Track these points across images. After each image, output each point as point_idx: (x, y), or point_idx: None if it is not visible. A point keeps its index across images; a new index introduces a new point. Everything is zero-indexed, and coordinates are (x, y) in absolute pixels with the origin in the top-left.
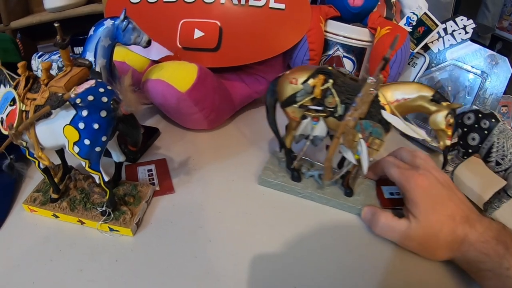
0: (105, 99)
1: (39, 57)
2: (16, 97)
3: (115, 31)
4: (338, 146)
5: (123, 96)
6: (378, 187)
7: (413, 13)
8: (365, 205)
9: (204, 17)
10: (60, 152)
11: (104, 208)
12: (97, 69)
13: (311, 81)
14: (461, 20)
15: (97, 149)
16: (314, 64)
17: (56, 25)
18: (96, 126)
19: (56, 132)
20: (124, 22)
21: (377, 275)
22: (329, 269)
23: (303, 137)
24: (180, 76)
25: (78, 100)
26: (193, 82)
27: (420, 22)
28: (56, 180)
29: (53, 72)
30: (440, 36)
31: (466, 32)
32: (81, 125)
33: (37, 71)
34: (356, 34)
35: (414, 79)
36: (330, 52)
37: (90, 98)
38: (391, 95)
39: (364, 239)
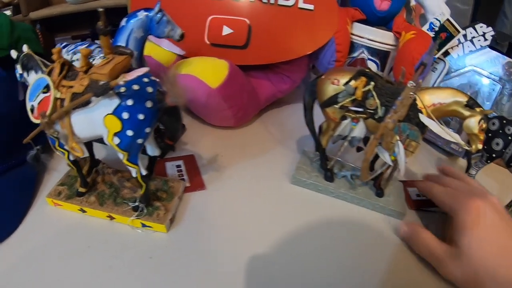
0: (150, 89)
1: (63, 47)
2: (50, 84)
3: (149, 23)
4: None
5: (170, 88)
6: (405, 189)
7: (436, 19)
8: (403, 222)
9: (233, 14)
10: (88, 144)
11: (137, 203)
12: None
13: (353, 83)
14: (481, 27)
15: (139, 141)
16: (340, 65)
17: (100, 10)
18: (141, 116)
19: (94, 121)
20: (159, 15)
21: (409, 275)
22: (362, 266)
23: (340, 138)
24: (211, 71)
25: (122, 89)
26: (224, 78)
27: (442, 28)
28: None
29: (76, 63)
30: (459, 42)
31: (485, 39)
32: (125, 115)
33: None
34: (381, 38)
35: (434, 84)
36: (355, 54)
37: (135, 87)
38: (428, 99)
39: (395, 239)
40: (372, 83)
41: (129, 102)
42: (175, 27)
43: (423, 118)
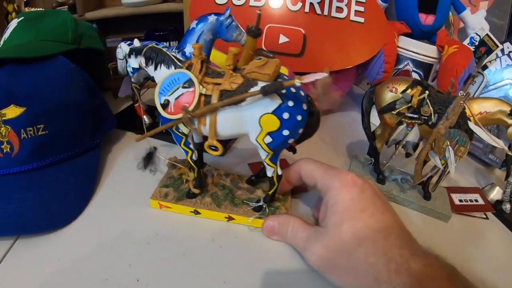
0: (302, 93)
1: (128, 45)
2: (194, 79)
3: (219, 26)
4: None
5: (321, 93)
6: (449, 194)
7: (476, 34)
8: (266, 219)
9: (289, 24)
10: (199, 145)
11: (261, 203)
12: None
13: (409, 91)
14: None
15: (290, 141)
16: (387, 76)
17: (258, 12)
18: (299, 117)
19: (243, 120)
20: (229, 19)
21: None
22: None
23: (395, 142)
24: None
25: (283, 90)
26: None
27: (482, 42)
28: (190, 175)
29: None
30: (497, 57)
31: None
32: (286, 115)
33: (122, 59)
34: (425, 51)
35: (473, 96)
36: (401, 66)
37: (293, 89)
38: (476, 108)
39: (443, 240)
40: (427, 92)
41: (290, 103)
42: (242, 32)
43: (472, 125)
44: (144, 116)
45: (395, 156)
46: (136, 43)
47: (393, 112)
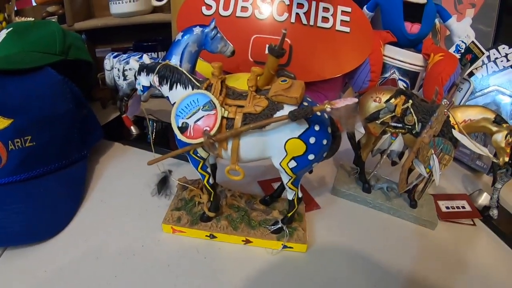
0: (326, 116)
1: (114, 57)
2: (216, 102)
3: (204, 38)
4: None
5: (346, 115)
6: (435, 201)
7: (462, 41)
8: None
9: (275, 34)
10: (213, 167)
11: (280, 225)
12: None
13: (393, 101)
14: (503, 48)
15: (314, 164)
16: (373, 85)
17: (284, 31)
18: (324, 141)
19: (267, 144)
20: (214, 31)
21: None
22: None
23: (379, 151)
24: None
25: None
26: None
27: (468, 49)
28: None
29: (131, 72)
30: (483, 63)
31: (508, 60)
32: (312, 140)
33: (110, 70)
34: (411, 59)
35: (460, 103)
36: (387, 75)
37: (318, 113)
38: (460, 116)
39: (430, 248)
40: (411, 101)
41: (316, 128)
42: (227, 44)
43: (456, 133)
44: (132, 127)
45: (380, 165)
46: (146, 59)
47: (377, 121)
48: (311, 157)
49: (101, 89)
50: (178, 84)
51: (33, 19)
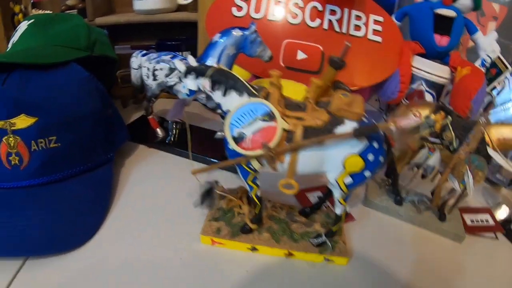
0: (381, 132)
1: (143, 55)
2: (276, 113)
3: (243, 41)
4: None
5: (402, 133)
6: (461, 215)
7: (488, 56)
8: None
9: (307, 40)
10: None
11: (323, 239)
12: None
13: (433, 116)
14: None
15: (368, 181)
16: (402, 96)
17: (347, 44)
18: (381, 158)
19: (324, 159)
20: (254, 35)
21: None
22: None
23: (415, 165)
24: (292, 94)
25: None
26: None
27: (493, 64)
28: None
29: (162, 72)
30: (505, 78)
31: None
32: (370, 157)
33: (138, 69)
34: (438, 71)
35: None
36: (414, 86)
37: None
38: (494, 134)
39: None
40: (450, 117)
41: (375, 145)
42: (266, 49)
43: (490, 150)
44: (158, 129)
45: (413, 179)
46: (192, 61)
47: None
48: (367, 173)
49: (121, 87)
50: (233, 90)
51: (51, 12)
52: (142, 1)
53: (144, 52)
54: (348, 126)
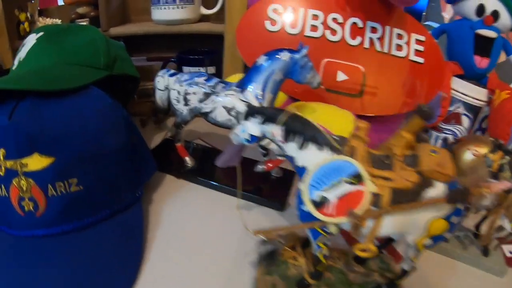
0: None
1: (171, 76)
2: (365, 175)
3: (292, 66)
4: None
5: (476, 188)
6: (501, 246)
7: None
8: None
9: (347, 60)
10: None
11: None
12: (265, 104)
13: (491, 156)
14: None
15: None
16: (441, 120)
17: (443, 95)
18: (462, 219)
19: (407, 221)
20: (305, 59)
21: None
22: None
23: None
24: (339, 124)
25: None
26: (352, 129)
27: None
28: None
29: (196, 97)
30: None
31: None
32: (455, 219)
33: (164, 90)
34: (476, 94)
35: None
36: (452, 108)
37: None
38: None
39: None
40: (507, 157)
41: (461, 206)
42: (316, 74)
43: None
44: (187, 158)
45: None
46: (252, 97)
47: None
48: (447, 235)
49: (138, 102)
50: (312, 143)
51: (60, 20)
52: (162, 10)
53: (172, 71)
54: (439, 189)
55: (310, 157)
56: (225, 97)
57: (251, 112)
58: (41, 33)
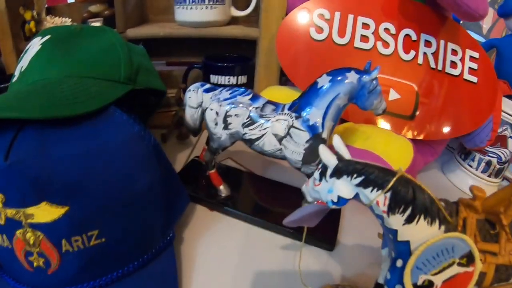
0: None
1: (206, 92)
2: (476, 254)
3: (359, 89)
4: None
5: None
6: None
7: None
8: None
9: (399, 76)
10: None
11: None
12: (324, 135)
13: None
14: None
15: None
16: (490, 144)
17: None
18: None
19: None
20: (375, 82)
21: None
22: None
23: None
24: (397, 153)
25: None
26: (410, 162)
27: None
28: None
29: (239, 120)
30: None
31: None
32: None
33: (197, 108)
34: None
35: None
36: (499, 131)
37: None
38: None
39: None
40: None
41: None
42: (383, 100)
43: None
44: (221, 187)
45: None
46: (344, 150)
47: None
48: None
49: (157, 113)
50: (424, 216)
51: (70, 20)
52: (187, 10)
53: (208, 86)
54: None
55: (417, 232)
56: (277, 123)
57: (346, 170)
58: (47, 37)
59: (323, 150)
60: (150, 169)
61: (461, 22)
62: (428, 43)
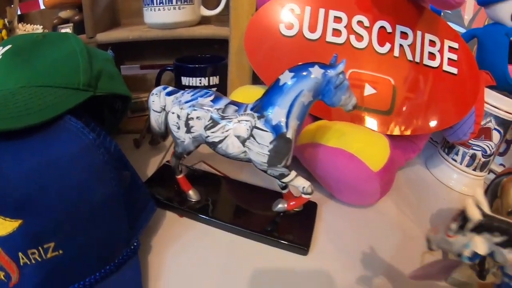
0: None
1: (168, 95)
2: None
3: (325, 85)
4: None
5: None
6: None
7: None
8: None
9: (375, 70)
10: None
11: None
12: (289, 134)
13: None
14: None
15: None
16: (474, 137)
17: None
18: None
19: None
20: (341, 76)
21: None
22: None
23: None
24: (372, 150)
25: None
26: (387, 159)
27: None
28: None
29: (201, 122)
30: None
31: None
32: None
33: (160, 112)
34: (509, 107)
35: None
36: (482, 123)
37: None
38: None
39: None
40: None
41: None
42: (352, 95)
43: None
44: (190, 192)
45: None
46: (486, 207)
47: None
48: None
49: (130, 117)
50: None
51: (41, 27)
52: (155, 12)
53: (170, 89)
54: None
55: None
56: (238, 124)
57: (490, 227)
58: (8, 47)
59: (471, 203)
60: (106, 179)
61: (442, 14)
62: (404, 35)
